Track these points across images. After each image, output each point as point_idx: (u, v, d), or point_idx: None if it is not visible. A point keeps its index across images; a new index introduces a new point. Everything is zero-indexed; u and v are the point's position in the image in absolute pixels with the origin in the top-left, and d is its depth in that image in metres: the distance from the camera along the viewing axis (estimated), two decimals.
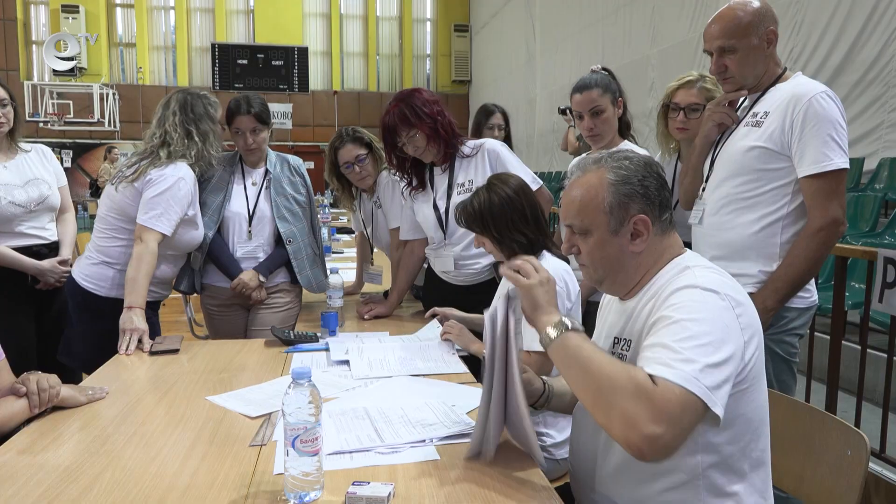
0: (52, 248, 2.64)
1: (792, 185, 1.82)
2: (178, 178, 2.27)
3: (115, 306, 2.31)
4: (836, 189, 1.76)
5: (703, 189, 2.02)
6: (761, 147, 1.84)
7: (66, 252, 2.66)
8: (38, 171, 2.63)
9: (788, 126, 1.79)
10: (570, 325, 1.16)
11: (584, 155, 2.58)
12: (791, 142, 1.79)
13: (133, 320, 2.13)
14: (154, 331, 2.30)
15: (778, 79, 1.91)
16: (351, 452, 1.33)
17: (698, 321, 1.08)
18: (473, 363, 2.04)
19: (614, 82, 2.37)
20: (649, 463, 1.07)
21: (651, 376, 1.04)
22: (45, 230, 2.63)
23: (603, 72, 2.40)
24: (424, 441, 1.38)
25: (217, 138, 2.42)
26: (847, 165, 1.77)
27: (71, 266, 2.66)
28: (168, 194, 2.24)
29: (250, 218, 2.58)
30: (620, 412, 1.02)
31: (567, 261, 1.96)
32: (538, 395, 1.42)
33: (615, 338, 1.30)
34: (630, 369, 1.07)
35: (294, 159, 2.75)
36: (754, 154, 1.85)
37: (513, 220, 1.87)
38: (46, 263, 2.56)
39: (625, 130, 2.45)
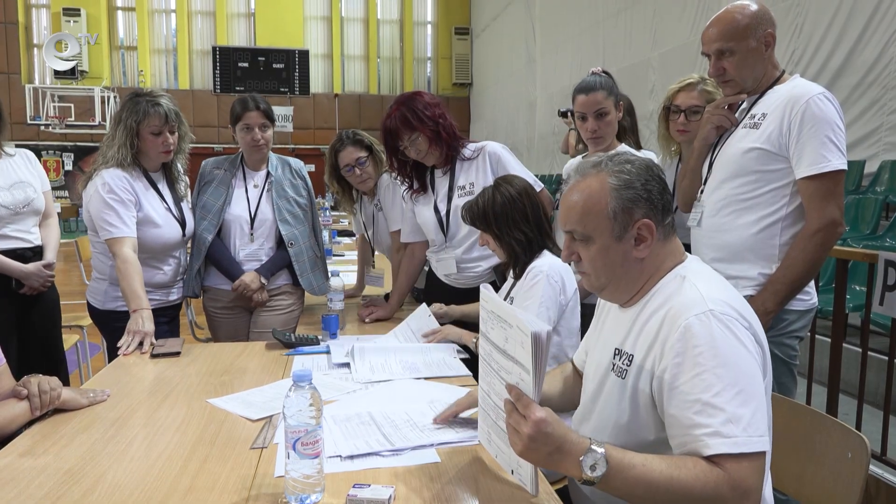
0: (36, 252, 2.63)
1: (790, 187, 1.82)
2: (95, 188, 2.29)
3: (108, 319, 2.34)
4: (834, 190, 1.76)
5: (702, 192, 2.02)
6: (759, 149, 1.84)
7: (50, 256, 2.66)
8: (23, 174, 2.62)
9: (786, 128, 1.79)
10: (597, 459, 1.04)
11: (580, 157, 2.59)
12: (789, 143, 1.79)
13: (138, 322, 2.14)
14: (165, 335, 2.32)
15: (776, 81, 1.91)
16: (364, 456, 1.33)
17: (728, 365, 1.07)
18: (475, 365, 2.04)
19: (615, 86, 2.37)
20: None
21: (712, 457, 1.04)
22: (30, 234, 2.62)
23: (603, 74, 2.40)
24: (426, 445, 1.38)
25: (129, 132, 2.32)
26: (845, 167, 1.77)
27: (54, 270, 2.67)
28: (101, 206, 2.26)
29: (252, 220, 2.58)
30: None
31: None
32: None
33: (616, 348, 1.27)
34: (691, 467, 1.04)
35: (295, 162, 2.76)
36: (752, 156, 1.85)
37: (513, 218, 1.94)
38: (31, 267, 2.55)
39: (622, 134, 2.45)
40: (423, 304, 2.32)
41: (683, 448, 1.09)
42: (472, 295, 2.43)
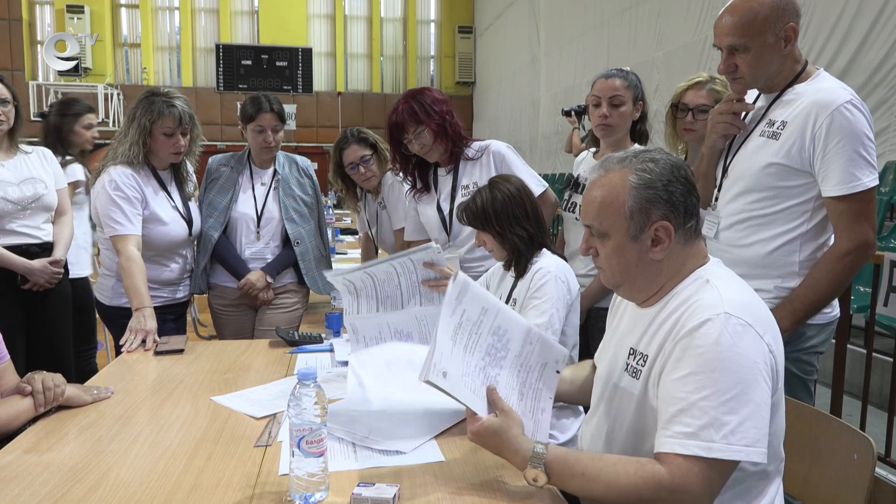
0: (44, 249, 2.63)
1: (812, 202, 1.68)
2: (103, 184, 2.30)
3: (115, 315, 2.34)
4: (866, 209, 1.61)
5: (716, 199, 1.89)
6: (779, 164, 1.68)
7: (59, 253, 2.66)
8: (35, 171, 2.63)
9: (810, 140, 1.62)
10: (536, 474, 1.12)
11: (589, 153, 2.58)
12: (813, 158, 1.63)
13: (141, 320, 2.15)
14: (172, 333, 2.31)
15: (797, 78, 1.72)
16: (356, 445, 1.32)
17: (724, 370, 1.05)
18: None
19: (640, 86, 2.34)
20: None
21: (660, 456, 1.07)
22: (39, 230, 2.62)
23: (633, 74, 2.36)
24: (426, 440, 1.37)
25: (142, 131, 2.32)
26: (877, 182, 1.61)
27: (63, 267, 2.67)
28: (107, 203, 2.27)
29: (258, 219, 2.58)
30: None
31: (564, 258, 1.98)
32: None
33: (631, 348, 1.24)
34: (631, 474, 1.07)
35: (302, 160, 2.76)
36: (771, 171, 1.69)
37: (515, 214, 1.92)
38: (37, 263, 2.55)
39: (639, 138, 2.41)
40: (432, 242, 1.97)
41: (658, 440, 1.09)
42: None
